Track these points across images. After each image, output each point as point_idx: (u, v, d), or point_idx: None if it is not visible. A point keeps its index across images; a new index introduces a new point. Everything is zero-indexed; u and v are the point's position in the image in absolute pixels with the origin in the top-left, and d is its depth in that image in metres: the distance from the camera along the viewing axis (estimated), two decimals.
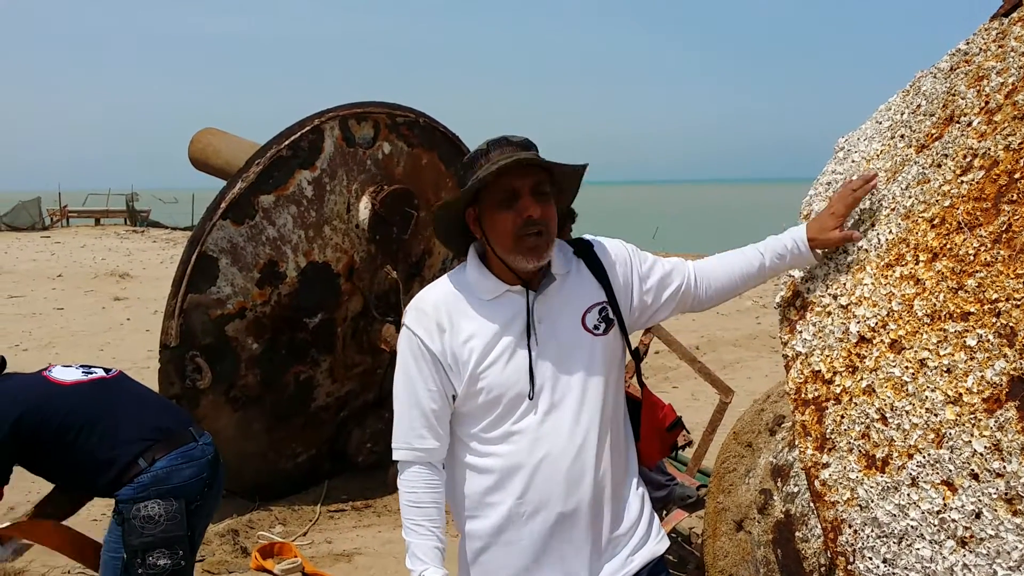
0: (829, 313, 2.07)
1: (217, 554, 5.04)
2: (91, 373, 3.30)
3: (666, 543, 2.26)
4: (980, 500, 1.58)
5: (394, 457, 2.16)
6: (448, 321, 2.09)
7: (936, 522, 1.63)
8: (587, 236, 2.27)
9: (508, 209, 2.01)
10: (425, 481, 2.12)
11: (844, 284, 2.07)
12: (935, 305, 1.79)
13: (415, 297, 2.19)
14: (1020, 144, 1.82)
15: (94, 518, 5.44)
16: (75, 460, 3.12)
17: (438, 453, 2.14)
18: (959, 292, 1.76)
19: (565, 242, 2.23)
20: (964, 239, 1.82)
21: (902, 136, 2.25)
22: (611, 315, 2.16)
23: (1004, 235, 1.74)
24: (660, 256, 2.32)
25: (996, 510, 1.55)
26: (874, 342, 1.89)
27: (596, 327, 2.14)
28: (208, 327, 5.27)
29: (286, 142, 5.38)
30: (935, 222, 1.92)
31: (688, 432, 4.65)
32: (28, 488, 5.43)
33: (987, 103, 2.00)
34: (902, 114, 2.32)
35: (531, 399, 2.06)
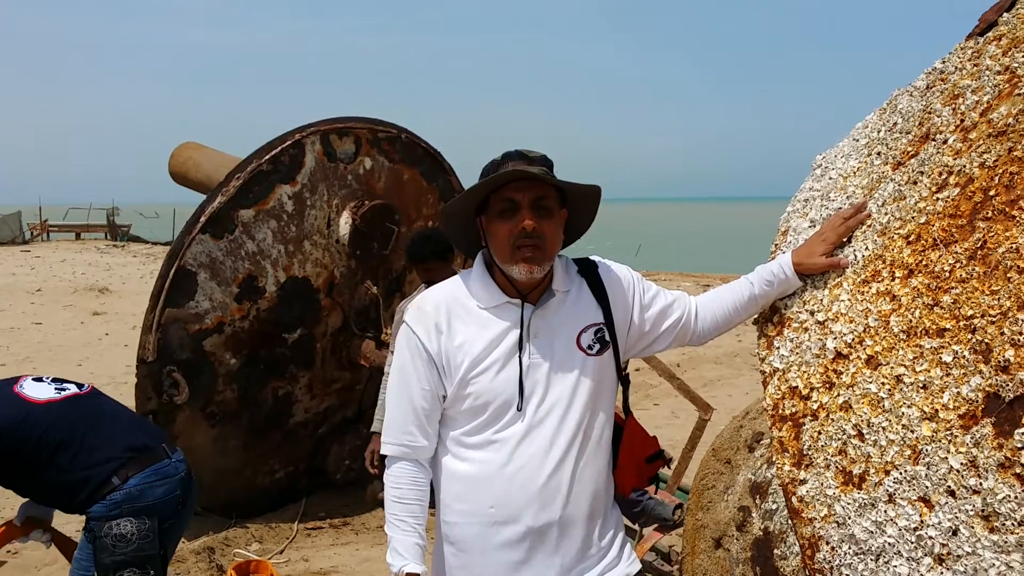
0: (806, 329, 2.07)
1: (192, 572, 4.98)
2: (64, 390, 3.25)
3: (637, 566, 2.27)
4: (957, 517, 1.57)
5: (383, 451, 2.19)
6: (446, 323, 2.12)
7: (913, 539, 1.62)
8: (594, 257, 2.29)
9: (507, 220, 2.05)
10: (411, 478, 2.15)
11: (821, 300, 2.08)
12: (911, 321, 1.80)
13: (419, 296, 2.24)
14: (995, 162, 1.83)
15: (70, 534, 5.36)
16: (49, 478, 3.08)
17: (426, 451, 2.17)
18: (935, 308, 1.76)
19: (571, 260, 2.25)
20: (940, 256, 1.82)
21: (879, 153, 2.26)
22: (607, 337, 2.18)
23: (979, 252, 1.74)
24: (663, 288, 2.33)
25: (973, 527, 1.54)
26: (851, 358, 1.89)
27: (591, 347, 2.15)
28: (186, 342, 5.23)
29: (267, 156, 5.37)
30: (911, 239, 1.93)
31: (670, 462, 4.64)
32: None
33: (962, 121, 2.01)
34: (879, 132, 2.34)
35: (519, 410, 2.08)
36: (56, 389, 3.24)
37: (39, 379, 3.32)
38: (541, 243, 2.04)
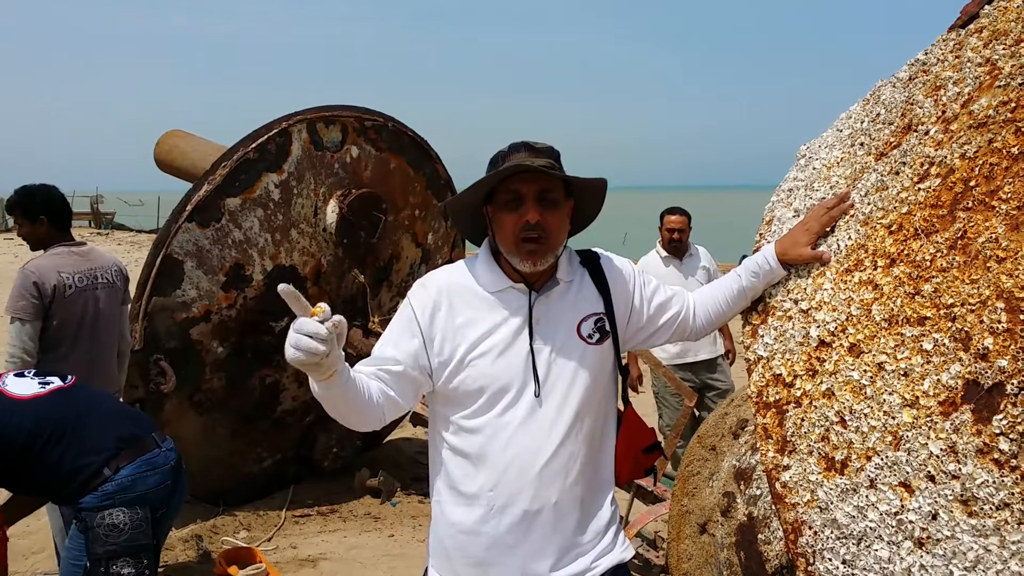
0: (790, 317, 2.10)
1: (180, 559, 4.99)
2: (48, 384, 3.24)
3: (631, 552, 2.30)
4: (936, 501, 1.60)
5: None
6: (448, 304, 2.14)
7: (894, 523, 1.66)
8: (596, 249, 2.32)
9: (512, 212, 2.08)
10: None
11: (805, 289, 2.10)
12: (893, 310, 1.82)
13: (425, 275, 2.26)
14: (975, 153, 1.86)
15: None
16: (39, 473, 3.07)
17: (382, 391, 2.08)
18: (916, 297, 1.79)
19: (574, 251, 2.29)
20: (921, 245, 1.85)
21: (862, 144, 2.29)
22: (607, 327, 2.21)
23: (959, 241, 1.77)
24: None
25: (952, 511, 1.57)
26: (834, 346, 1.92)
27: (590, 336, 2.18)
28: (173, 330, 5.22)
29: (253, 145, 5.35)
30: (893, 228, 1.95)
31: (666, 458, 4.68)
32: None
33: (944, 112, 2.04)
34: (862, 122, 2.36)
35: (537, 396, 2.11)
36: (40, 384, 3.23)
37: (20, 374, 3.30)
38: (545, 235, 2.07)
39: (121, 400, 4.73)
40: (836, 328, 1.94)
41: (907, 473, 1.66)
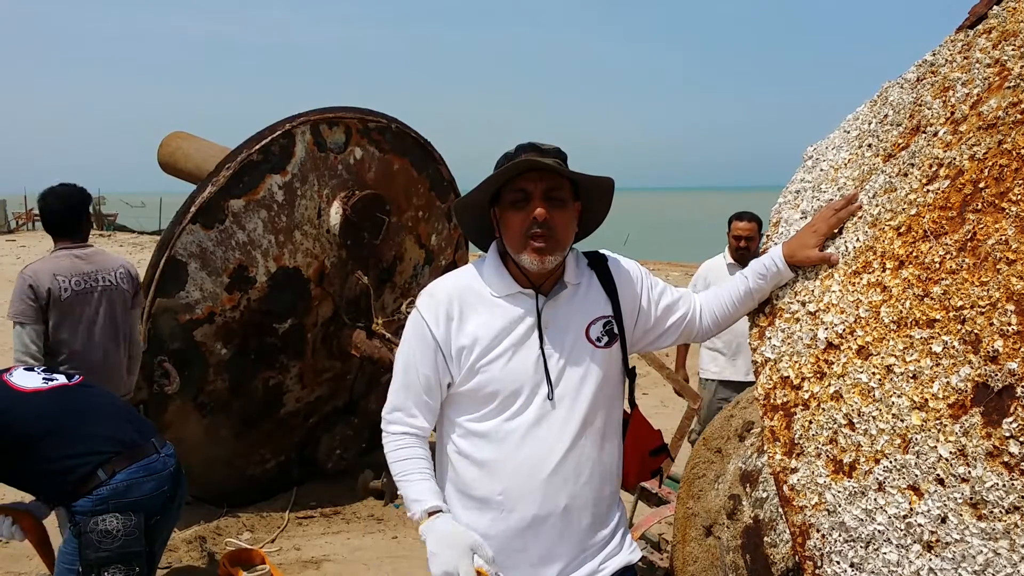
0: (797, 319, 2.09)
1: (184, 561, 4.99)
2: (52, 380, 3.22)
3: (639, 554, 2.31)
4: (946, 505, 1.59)
5: (383, 425, 2.21)
6: (457, 311, 2.14)
7: (903, 526, 1.65)
8: (603, 251, 2.32)
9: (519, 210, 2.08)
10: (409, 444, 2.18)
11: (812, 291, 2.10)
12: (901, 312, 1.82)
13: (431, 283, 2.25)
14: (985, 154, 1.85)
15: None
16: (33, 468, 3.05)
17: (424, 430, 2.20)
18: (925, 299, 1.78)
19: (581, 254, 2.28)
20: (930, 247, 1.84)
21: (869, 145, 2.28)
22: (615, 330, 2.21)
23: (969, 243, 1.76)
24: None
25: (961, 515, 1.57)
26: (842, 348, 1.91)
27: (599, 339, 2.18)
28: (176, 332, 5.22)
29: (257, 146, 5.35)
30: (901, 230, 1.94)
31: (672, 459, 4.66)
32: None
33: (952, 113, 2.03)
34: (869, 124, 2.35)
35: (550, 399, 2.11)
36: (44, 379, 3.22)
37: (30, 369, 3.30)
38: (552, 233, 2.07)
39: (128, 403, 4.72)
40: (844, 330, 1.93)
41: (916, 476, 1.65)
